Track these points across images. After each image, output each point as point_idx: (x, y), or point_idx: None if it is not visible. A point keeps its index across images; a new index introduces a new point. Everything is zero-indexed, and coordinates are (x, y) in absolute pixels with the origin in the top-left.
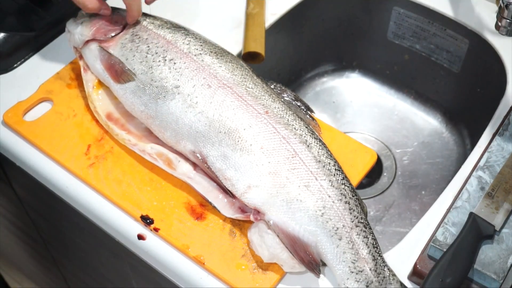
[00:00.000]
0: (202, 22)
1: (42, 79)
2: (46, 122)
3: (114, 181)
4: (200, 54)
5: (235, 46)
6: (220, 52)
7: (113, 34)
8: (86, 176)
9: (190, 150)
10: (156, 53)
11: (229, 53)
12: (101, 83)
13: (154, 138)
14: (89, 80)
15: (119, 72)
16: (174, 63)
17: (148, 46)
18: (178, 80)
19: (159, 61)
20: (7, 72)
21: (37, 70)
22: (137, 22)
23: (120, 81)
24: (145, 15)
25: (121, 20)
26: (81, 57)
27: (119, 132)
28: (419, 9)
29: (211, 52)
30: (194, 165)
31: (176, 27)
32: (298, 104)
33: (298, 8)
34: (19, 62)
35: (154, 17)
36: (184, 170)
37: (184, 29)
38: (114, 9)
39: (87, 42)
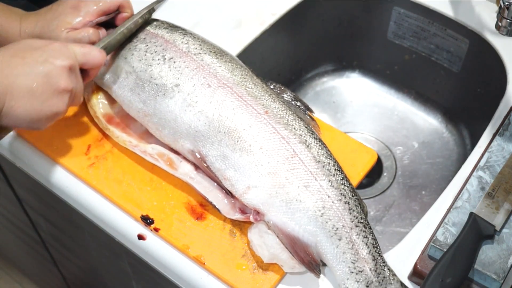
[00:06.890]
0: (202, 22)
1: None
2: None
3: (114, 181)
4: (200, 53)
5: (235, 46)
6: (219, 52)
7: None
8: (86, 176)
9: (188, 149)
10: (155, 51)
11: (228, 53)
12: (99, 87)
13: (154, 140)
14: (87, 84)
15: None
16: (174, 62)
17: (147, 45)
18: (178, 79)
19: (158, 59)
20: None
21: None
22: (133, 23)
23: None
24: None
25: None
26: None
27: (120, 134)
28: (419, 9)
29: (211, 51)
30: (195, 165)
31: (173, 27)
32: (298, 104)
33: (298, 8)
34: None
35: (151, 19)
36: (185, 170)
37: (182, 29)
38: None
39: None
